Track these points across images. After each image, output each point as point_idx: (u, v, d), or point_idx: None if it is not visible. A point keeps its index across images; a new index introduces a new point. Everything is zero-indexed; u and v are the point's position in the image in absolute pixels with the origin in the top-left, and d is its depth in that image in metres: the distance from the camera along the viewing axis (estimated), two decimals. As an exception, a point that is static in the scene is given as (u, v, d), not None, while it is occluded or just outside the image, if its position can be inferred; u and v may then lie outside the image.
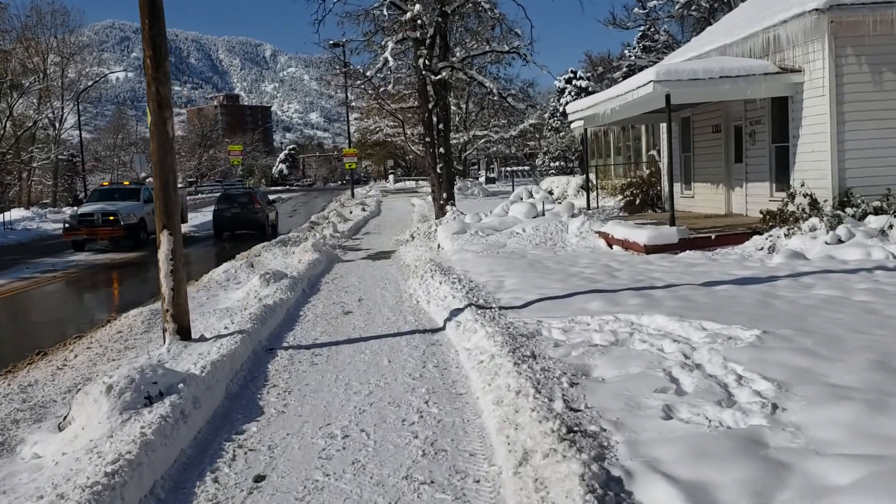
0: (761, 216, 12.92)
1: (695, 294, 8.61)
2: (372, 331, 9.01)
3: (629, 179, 21.36)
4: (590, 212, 18.26)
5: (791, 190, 12.48)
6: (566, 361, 6.09)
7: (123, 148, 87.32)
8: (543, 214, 16.77)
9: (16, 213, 44.51)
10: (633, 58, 75.35)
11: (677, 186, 19.44)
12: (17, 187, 61.51)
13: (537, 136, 66.99)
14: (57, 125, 61.58)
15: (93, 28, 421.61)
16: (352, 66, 23.88)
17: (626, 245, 13.30)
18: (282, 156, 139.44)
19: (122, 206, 25.01)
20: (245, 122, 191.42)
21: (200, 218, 37.01)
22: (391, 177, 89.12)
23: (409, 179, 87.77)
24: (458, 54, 23.73)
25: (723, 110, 16.53)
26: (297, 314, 10.47)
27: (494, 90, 23.15)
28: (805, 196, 12.27)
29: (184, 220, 30.18)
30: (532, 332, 7.29)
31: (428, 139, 24.14)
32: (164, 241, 7.91)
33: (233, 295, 12.22)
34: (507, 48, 23.59)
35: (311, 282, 13.64)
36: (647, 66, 30.87)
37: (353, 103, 30.94)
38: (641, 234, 12.74)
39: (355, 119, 63.09)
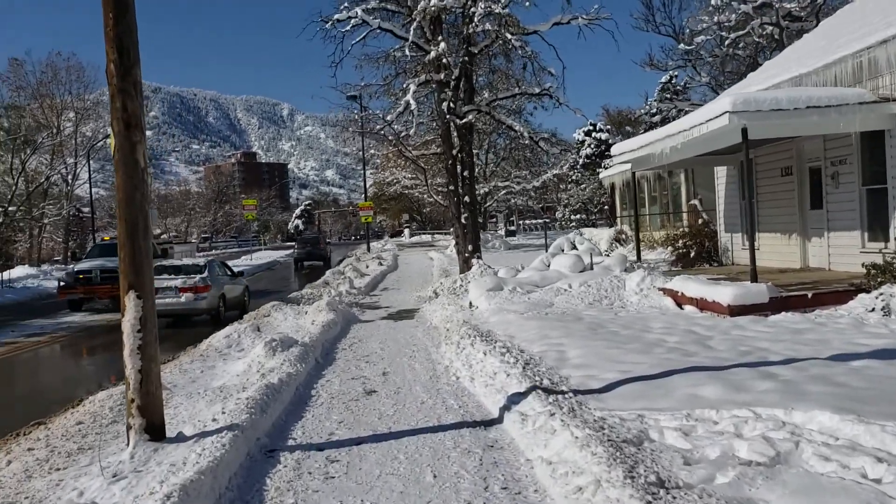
0: (865, 270, 10.76)
1: (836, 374, 6.43)
2: (404, 422, 6.86)
3: (681, 230, 19.30)
4: (639, 265, 16.14)
5: (906, 238, 10.38)
6: (717, 495, 3.94)
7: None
8: (592, 268, 14.68)
9: (20, 271, 42.92)
10: (656, 109, 74.35)
11: (737, 237, 17.37)
12: (28, 244, 60.31)
13: (560, 186, 65.37)
14: (70, 181, 60.62)
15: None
16: (370, 111, 22.17)
17: (703, 305, 11.15)
18: (297, 211, 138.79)
19: (124, 262, 23.09)
20: (262, 178, 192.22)
21: (210, 274, 35.13)
22: (407, 230, 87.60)
23: (424, 233, 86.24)
24: (484, 96, 22.00)
25: (794, 149, 14.52)
26: (308, 394, 8.35)
27: (525, 133, 21.31)
28: (925, 245, 10.15)
29: (191, 277, 28.28)
30: (638, 436, 5.14)
31: (452, 187, 22.23)
32: (130, 307, 5.87)
33: (232, 367, 10.13)
34: (537, 90, 21.80)
35: (325, 348, 11.55)
36: (669, 119, 29.15)
37: (371, 153, 29.51)
38: (724, 293, 10.59)
39: (372, 173, 61.80)
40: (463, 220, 22.11)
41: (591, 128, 69.43)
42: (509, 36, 20.23)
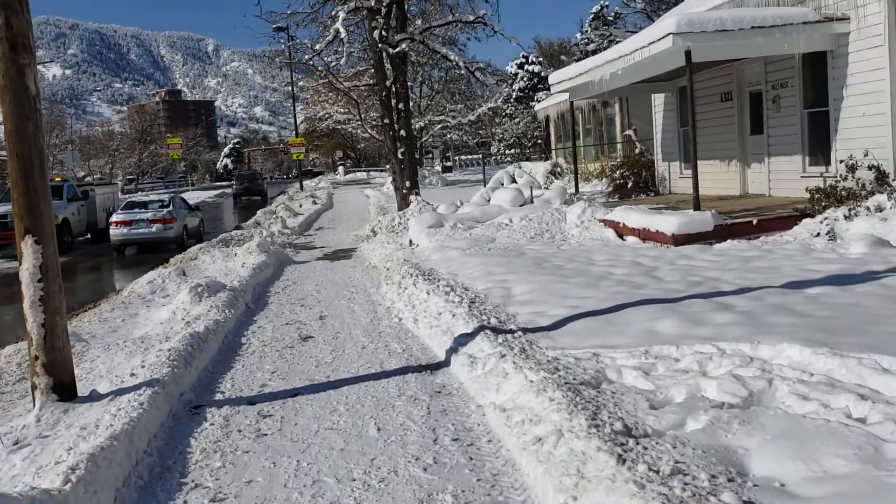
0: (807, 196, 10.63)
1: (795, 303, 6.19)
2: (344, 369, 6.39)
3: (618, 160, 19.04)
4: (578, 197, 15.84)
5: (852, 161, 10.20)
6: (692, 443, 3.59)
7: (60, 147, 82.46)
8: (532, 202, 14.29)
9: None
10: (587, 40, 73.72)
11: (675, 166, 17.20)
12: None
13: (495, 120, 64.84)
14: (-19, 122, 57.15)
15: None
16: (298, 41, 21.02)
17: (646, 236, 10.89)
18: (226, 150, 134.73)
19: (39, 206, 21.73)
20: (188, 117, 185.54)
21: (136, 217, 33.64)
22: (341, 168, 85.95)
23: (359, 171, 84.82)
24: (417, 24, 21.11)
25: (735, 74, 14.25)
26: (237, 342, 7.78)
27: (461, 63, 20.55)
28: (870, 168, 10.00)
29: (114, 221, 26.94)
30: (596, 377, 4.78)
31: (387, 120, 21.43)
32: (28, 255, 5.17)
33: (156, 315, 9.46)
34: (472, 17, 20.98)
35: (256, 292, 10.93)
36: (602, 50, 28.77)
37: (301, 87, 28.21)
38: (667, 222, 10.33)
39: (302, 108, 59.89)
40: (399, 156, 21.41)
41: (523, 60, 68.56)
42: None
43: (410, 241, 13.99)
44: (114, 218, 20.71)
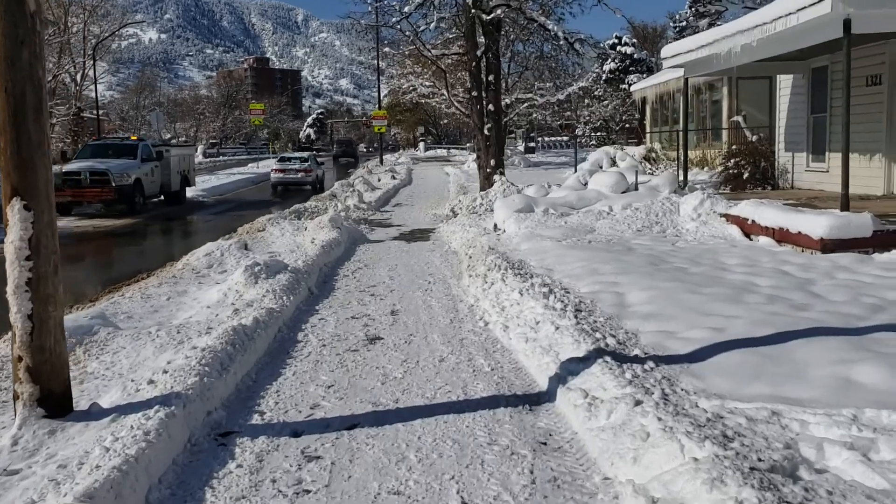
0: None
1: None
2: (418, 390, 4.99)
3: (734, 147, 17.02)
4: (689, 186, 14.01)
5: None
6: None
7: (150, 108, 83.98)
8: (636, 188, 12.60)
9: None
10: (685, 22, 70.29)
11: (801, 157, 15.15)
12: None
13: (585, 101, 62.68)
14: (78, 79, 58.27)
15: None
16: (386, 2, 19.65)
17: (784, 237, 9.11)
18: (309, 120, 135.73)
19: (115, 165, 21.19)
20: (274, 85, 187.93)
21: (213, 181, 33.21)
22: (422, 144, 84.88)
23: (440, 147, 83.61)
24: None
25: (887, 54, 12.15)
26: (292, 340, 6.47)
27: (560, 34, 18.84)
28: None
29: (190, 184, 26.39)
30: (789, 458, 3.23)
31: (475, 93, 19.94)
32: (15, 223, 3.92)
33: (206, 295, 8.26)
34: (574, -15, 19.22)
35: (323, 274, 9.66)
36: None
37: (386, 55, 27.12)
38: (815, 223, 8.52)
39: (386, 82, 58.76)
40: (486, 132, 19.92)
41: (616, 41, 65.86)
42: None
43: (495, 225, 12.51)
44: (274, 166, 30.94)
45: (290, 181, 29.38)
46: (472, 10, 19.05)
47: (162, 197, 24.33)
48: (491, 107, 19.97)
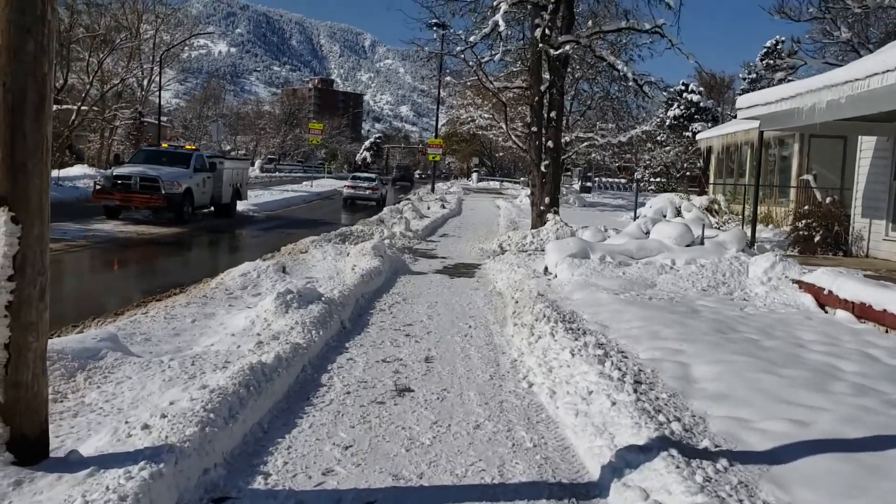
0: None
1: None
2: (446, 464, 4.31)
3: (806, 208, 16.05)
4: (758, 244, 13.12)
5: None
6: None
7: (213, 119, 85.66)
8: (702, 243, 11.79)
9: (78, 170, 41.86)
10: (756, 75, 69.09)
11: (879, 224, 14.14)
12: (98, 145, 59.88)
13: (646, 145, 61.90)
14: (145, 85, 59.66)
15: (201, 0, 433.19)
16: (451, 31, 19.28)
17: (866, 313, 8.23)
18: (367, 143, 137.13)
19: (166, 172, 21.09)
20: (336, 106, 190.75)
21: (266, 197, 33.18)
22: (475, 175, 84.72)
23: (493, 179, 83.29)
24: (588, 25, 18.93)
25: None
26: (314, 382, 5.87)
27: (629, 74, 18.17)
28: None
29: (241, 198, 26.25)
30: None
31: (535, 128, 19.36)
32: (0, 236, 3.41)
33: (234, 320, 7.73)
34: (647, 26, 18.55)
35: (359, 307, 9.08)
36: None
37: (447, 84, 26.81)
38: (908, 302, 7.64)
39: (444, 112, 58.75)
40: (543, 168, 19.29)
41: (682, 88, 64.94)
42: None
43: (546, 268, 11.81)
44: (347, 183, 37.04)
45: (359, 196, 34.88)
46: (540, 45, 18.53)
47: (212, 208, 24.21)
48: (550, 143, 19.36)
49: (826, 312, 8.98)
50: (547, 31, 18.36)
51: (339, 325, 7.75)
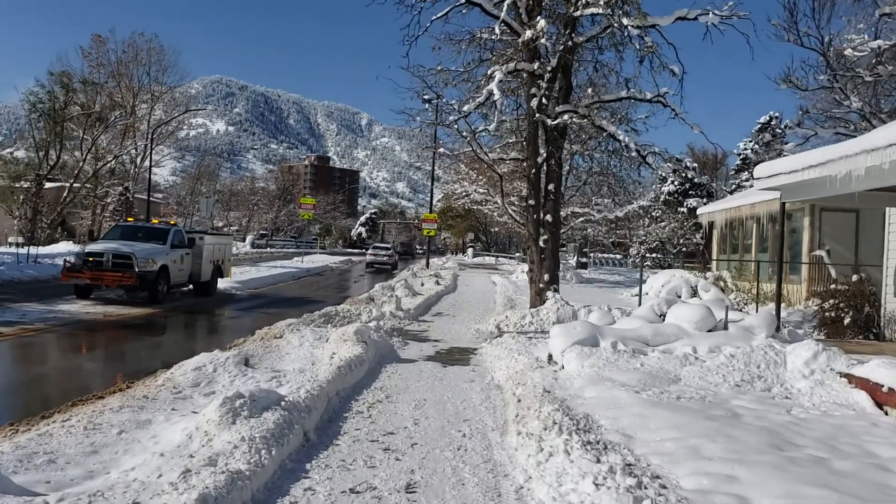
0: None
1: None
2: None
3: (833, 287, 14.73)
4: (784, 332, 11.71)
5: None
6: None
7: (206, 195, 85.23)
8: (726, 328, 10.40)
9: (62, 247, 40.75)
10: (748, 151, 69.09)
11: (916, 305, 12.82)
12: (90, 221, 58.97)
13: (643, 221, 61.22)
14: (138, 161, 59.23)
15: (201, 81, 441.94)
16: (444, 101, 18.32)
17: (945, 418, 6.80)
18: (362, 219, 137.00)
19: (141, 249, 19.81)
20: (332, 182, 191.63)
21: (253, 273, 31.80)
22: (470, 250, 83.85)
23: (488, 255, 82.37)
24: (587, 93, 18.02)
25: None
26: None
27: (631, 144, 17.11)
28: None
29: (223, 275, 24.89)
30: None
31: (532, 202, 18.19)
32: None
33: (168, 432, 6.24)
34: (649, 95, 17.61)
35: (332, 408, 7.61)
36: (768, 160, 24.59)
37: (440, 155, 25.95)
38: None
39: (438, 186, 58.18)
40: (541, 244, 18.04)
41: (676, 165, 64.73)
42: (626, 22, 16.17)
43: (550, 356, 10.37)
44: (369, 252, 49.48)
45: (378, 261, 47.27)
46: (537, 115, 17.55)
47: (191, 287, 22.86)
48: (549, 217, 18.17)
49: (887, 414, 7.53)
50: (544, 101, 17.40)
51: (301, 437, 6.27)
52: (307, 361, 10.55)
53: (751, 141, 66.56)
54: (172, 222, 23.73)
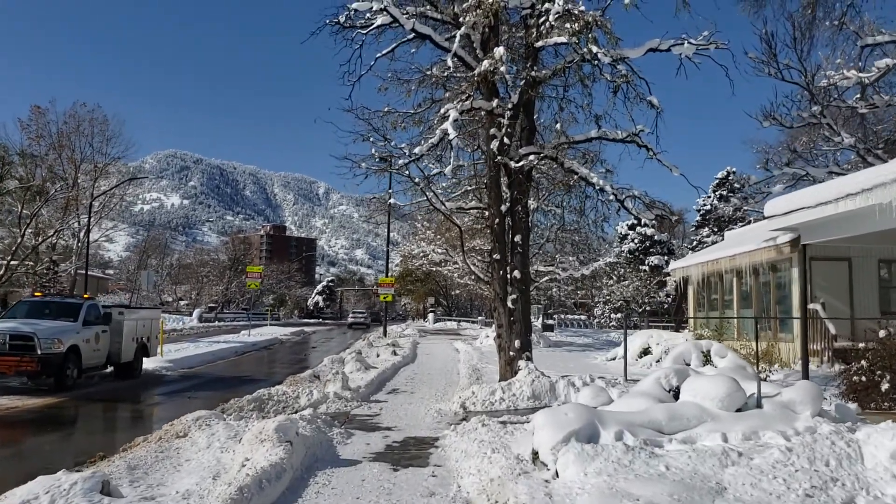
0: None
1: None
2: None
3: (865, 345, 12.47)
4: (831, 409, 9.34)
5: None
6: None
7: (155, 269, 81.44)
8: (759, 405, 7.98)
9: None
10: (708, 206, 68.29)
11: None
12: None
13: (605, 280, 59.45)
14: (81, 236, 55.86)
15: (155, 156, 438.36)
16: (394, 144, 16.01)
17: None
18: (319, 287, 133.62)
19: (46, 328, 16.92)
20: (289, 251, 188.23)
21: (190, 350, 28.67)
22: (431, 315, 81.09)
23: (450, 319, 79.70)
24: (556, 129, 15.93)
25: None
26: None
27: (607, 188, 14.93)
28: None
29: (149, 354, 21.89)
30: None
31: (497, 256, 15.84)
32: None
33: None
34: (622, 134, 15.55)
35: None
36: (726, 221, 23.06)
37: (394, 207, 23.87)
38: None
39: (394, 249, 55.93)
40: (510, 304, 15.63)
41: (635, 222, 63.56)
42: (595, 50, 14.17)
43: (536, 453, 7.78)
44: (351, 314, 79.87)
45: (357, 322, 66.85)
46: (498, 157, 15.36)
47: (110, 369, 19.85)
48: (517, 274, 15.81)
49: None
50: (506, 142, 15.24)
51: None
52: (212, 471, 7.85)
53: (709, 196, 65.85)
54: (86, 296, 20.73)
